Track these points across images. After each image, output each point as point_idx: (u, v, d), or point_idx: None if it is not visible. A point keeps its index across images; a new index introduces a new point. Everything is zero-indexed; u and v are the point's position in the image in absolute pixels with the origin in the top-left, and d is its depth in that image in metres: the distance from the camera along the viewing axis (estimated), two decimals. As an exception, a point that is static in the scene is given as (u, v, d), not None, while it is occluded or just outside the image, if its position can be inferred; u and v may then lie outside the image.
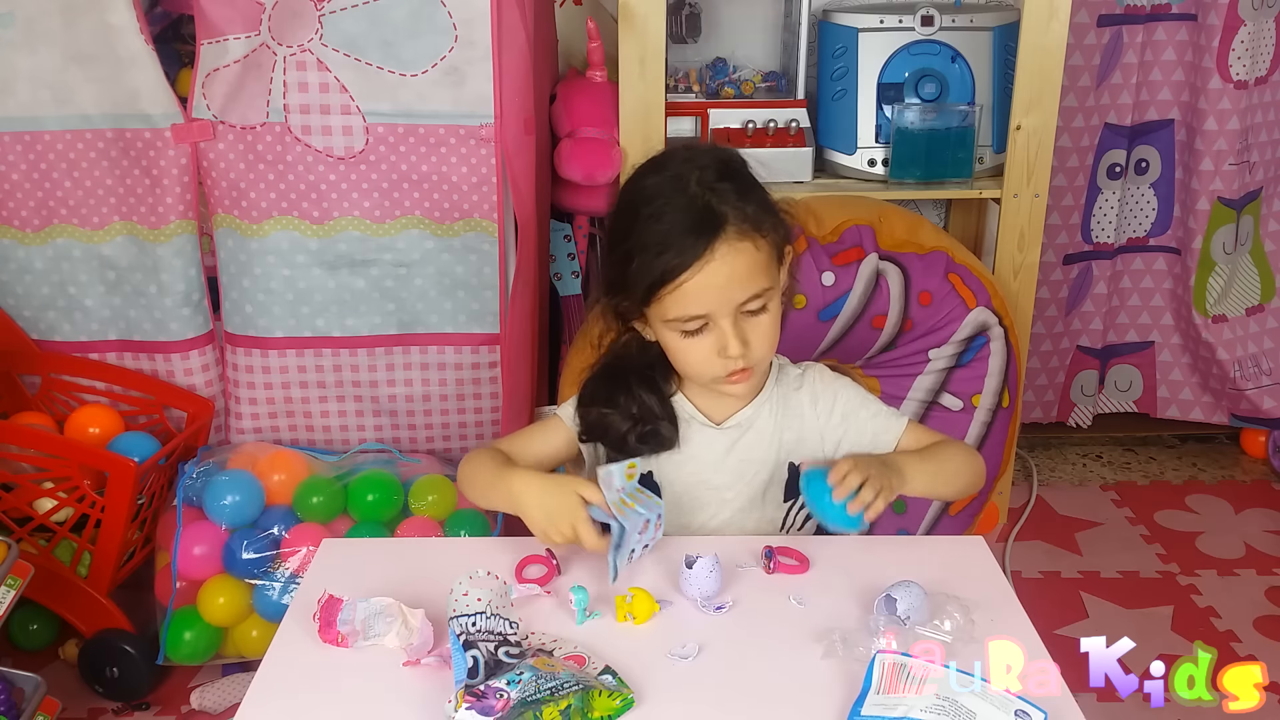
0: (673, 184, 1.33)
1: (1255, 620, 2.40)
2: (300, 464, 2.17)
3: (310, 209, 2.13)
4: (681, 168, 1.34)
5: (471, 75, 2.05)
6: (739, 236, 1.30)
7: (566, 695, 1.05)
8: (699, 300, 1.31)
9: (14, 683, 1.85)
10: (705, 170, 1.33)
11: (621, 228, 1.37)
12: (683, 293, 1.30)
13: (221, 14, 2.00)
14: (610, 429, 1.44)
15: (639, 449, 1.43)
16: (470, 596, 1.16)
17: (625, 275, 1.34)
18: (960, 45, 2.48)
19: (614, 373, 1.46)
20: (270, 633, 1.26)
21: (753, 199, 1.34)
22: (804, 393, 1.48)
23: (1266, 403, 3.01)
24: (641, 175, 1.38)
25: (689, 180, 1.32)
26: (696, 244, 1.29)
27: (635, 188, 1.38)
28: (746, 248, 1.31)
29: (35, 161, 2.12)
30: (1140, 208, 3.01)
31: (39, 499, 2.08)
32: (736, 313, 1.32)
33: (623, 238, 1.35)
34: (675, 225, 1.30)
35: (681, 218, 1.30)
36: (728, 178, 1.34)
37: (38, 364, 2.24)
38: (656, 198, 1.33)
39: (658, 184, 1.35)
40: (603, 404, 1.44)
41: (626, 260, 1.33)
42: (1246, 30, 2.74)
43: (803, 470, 1.38)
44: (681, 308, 1.32)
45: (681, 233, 1.30)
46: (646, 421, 1.43)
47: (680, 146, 1.44)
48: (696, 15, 2.65)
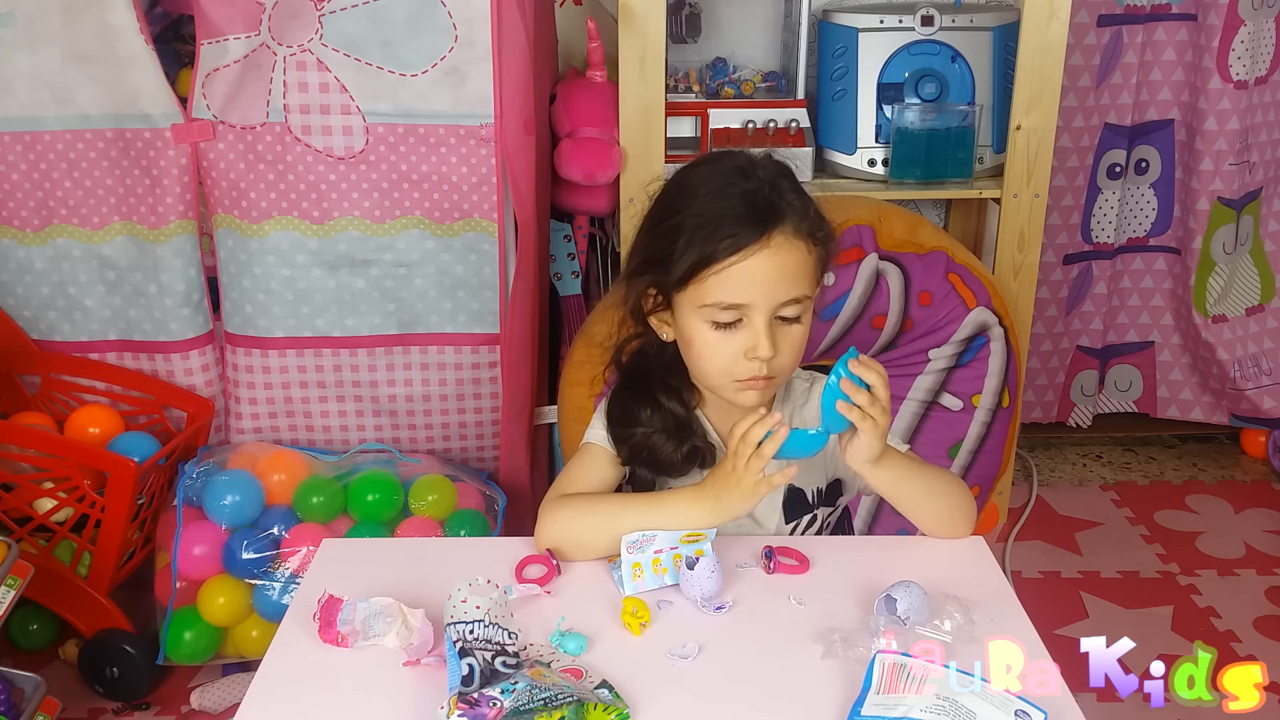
0: (736, 172, 1.32)
1: (1255, 620, 2.40)
2: (300, 464, 2.17)
3: (310, 209, 2.13)
4: (742, 161, 1.33)
5: (471, 75, 2.05)
6: (795, 234, 1.29)
7: (560, 707, 1.04)
8: (744, 287, 1.28)
9: (14, 683, 1.85)
10: (768, 168, 1.33)
11: (669, 206, 1.34)
12: (729, 275, 1.27)
13: (221, 14, 2.00)
14: (654, 449, 1.39)
15: (684, 467, 1.40)
16: (469, 604, 1.16)
17: (669, 250, 1.30)
18: (960, 45, 2.48)
19: (635, 386, 1.43)
20: (270, 633, 1.26)
21: (811, 208, 1.33)
22: (810, 409, 1.46)
23: (1266, 403, 3.01)
24: (694, 165, 1.37)
25: (752, 171, 1.31)
26: (754, 228, 1.27)
27: (689, 173, 1.36)
28: (800, 247, 1.29)
29: (35, 161, 2.12)
30: (1140, 208, 3.01)
31: (39, 499, 2.08)
32: (773, 313, 1.30)
33: (670, 214, 1.32)
34: (735, 206, 1.28)
35: (742, 201, 1.29)
36: (789, 179, 1.33)
37: (38, 364, 2.24)
38: (716, 179, 1.31)
39: (716, 170, 1.33)
40: (634, 422, 1.40)
41: (673, 234, 1.30)
42: (1246, 30, 2.74)
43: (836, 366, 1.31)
44: (724, 292, 1.28)
45: (741, 214, 1.28)
46: (684, 437, 1.39)
47: (736, 149, 1.41)
48: (696, 15, 2.65)
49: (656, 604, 1.27)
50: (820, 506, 1.49)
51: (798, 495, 1.46)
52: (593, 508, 1.37)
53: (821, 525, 1.50)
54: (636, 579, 1.28)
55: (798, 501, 1.47)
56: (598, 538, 1.33)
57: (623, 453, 1.42)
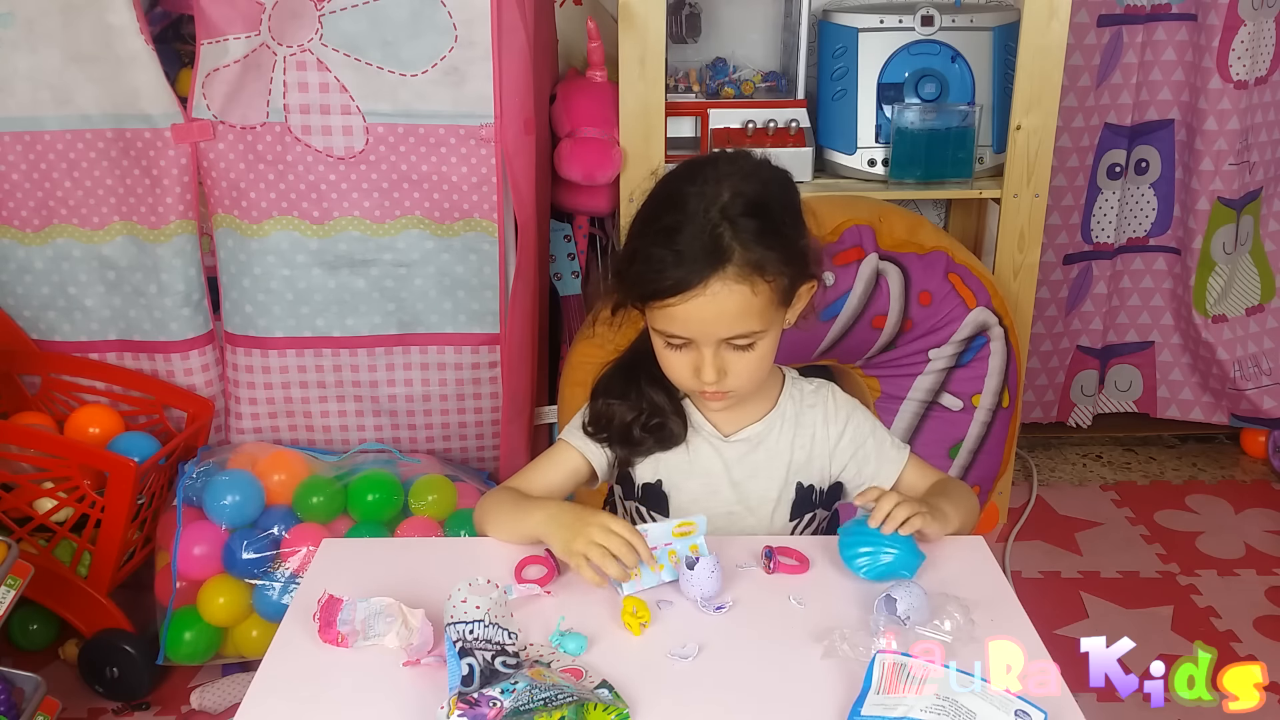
0: (697, 201, 1.29)
1: (1255, 620, 2.40)
2: (300, 464, 2.17)
3: (310, 209, 2.13)
4: (715, 187, 1.30)
5: (471, 75, 2.05)
6: (737, 278, 1.27)
7: (560, 706, 1.04)
8: (684, 325, 1.31)
9: (14, 683, 1.85)
10: (735, 200, 1.29)
11: (643, 220, 1.36)
12: (669, 314, 1.30)
13: (221, 14, 2.00)
14: (615, 418, 1.44)
15: (644, 440, 1.43)
16: (469, 604, 1.16)
17: (628, 272, 1.34)
18: (960, 45, 2.48)
19: (627, 370, 1.46)
20: (270, 633, 1.26)
21: (772, 242, 1.29)
22: (817, 411, 1.47)
23: (1266, 403, 3.01)
24: (679, 177, 1.35)
25: (713, 205, 1.29)
26: (691, 275, 1.27)
27: (669, 189, 1.35)
28: (742, 291, 1.28)
29: (35, 161, 2.12)
30: (1140, 208, 3.01)
31: (39, 499, 2.08)
32: (719, 344, 1.32)
33: (639, 233, 1.35)
34: (682, 248, 1.28)
35: (690, 242, 1.28)
36: (755, 214, 1.29)
37: (38, 364, 2.24)
38: (676, 210, 1.31)
39: (686, 195, 1.31)
40: (614, 397, 1.44)
41: (631, 258, 1.33)
42: (1246, 30, 2.74)
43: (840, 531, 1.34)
44: (667, 324, 1.32)
45: (684, 258, 1.28)
46: (654, 415, 1.43)
47: (729, 157, 1.39)
48: (696, 15, 2.65)
49: (656, 604, 1.27)
50: (819, 508, 1.49)
51: (805, 493, 1.47)
52: (500, 505, 1.42)
53: (819, 525, 1.50)
54: (633, 578, 1.28)
55: (804, 500, 1.47)
56: (491, 528, 1.42)
57: (587, 420, 1.46)
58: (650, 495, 1.47)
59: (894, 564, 1.28)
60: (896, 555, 1.28)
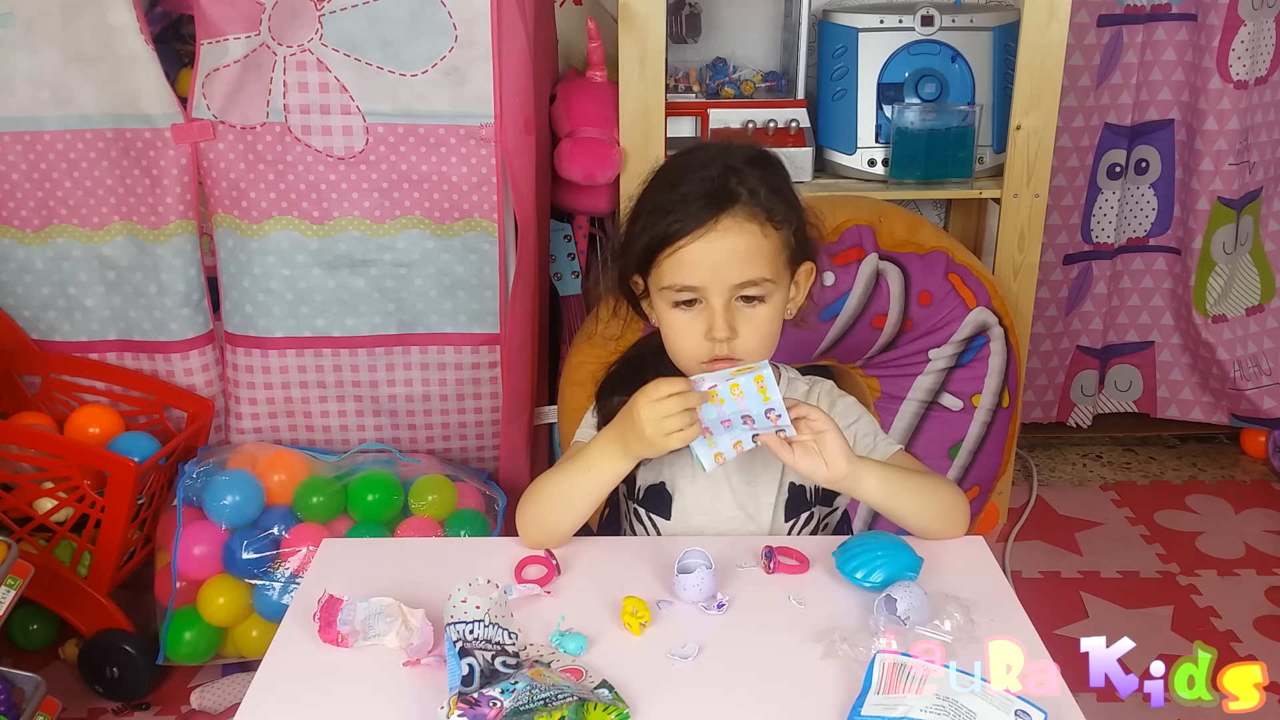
0: (700, 160, 1.35)
1: (1255, 620, 2.40)
2: (300, 464, 2.17)
3: (310, 209, 2.13)
4: (715, 151, 1.37)
5: (471, 75, 2.05)
6: (747, 216, 1.31)
7: (560, 706, 1.04)
8: (694, 270, 1.31)
9: (14, 683, 1.85)
10: (735, 154, 1.35)
11: (640, 196, 1.39)
12: (679, 259, 1.31)
13: (221, 14, 2.00)
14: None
15: None
16: (469, 604, 1.16)
17: (631, 235, 1.35)
18: (960, 45, 2.48)
19: (634, 368, 1.46)
20: (270, 633, 1.26)
21: (775, 190, 1.34)
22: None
23: (1266, 403, 3.01)
24: (674, 156, 1.42)
25: (716, 160, 1.34)
26: (702, 212, 1.30)
27: (665, 164, 1.41)
28: (752, 229, 1.31)
29: (35, 161, 2.12)
30: (1140, 208, 3.01)
31: (39, 499, 2.08)
32: (730, 296, 1.32)
33: (639, 203, 1.37)
34: (689, 194, 1.32)
35: (696, 188, 1.32)
36: (757, 165, 1.35)
37: (38, 364, 2.24)
38: (680, 169, 1.36)
39: (685, 160, 1.37)
40: (626, 394, 1.42)
41: (634, 220, 1.35)
42: (1246, 30, 2.74)
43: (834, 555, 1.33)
44: (677, 274, 1.31)
45: (691, 198, 1.31)
46: None
47: (725, 141, 1.47)
48: (696, 15, 2.65)
49: (656, 604, 1.27)
50: (817, 505, 1.49)
51: (797, 493, 1.47)
52: (539, 489, 1.40)
53: (819, 524, 1.50)
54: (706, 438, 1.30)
55: (797, 500, 1.47)
56: (549, 506, 1.38)
57: (599, 420, 1.46)
58: (652, 497, 1.47)
59: (894, 567, 1.28)
60: (895, 559, 1.28)
